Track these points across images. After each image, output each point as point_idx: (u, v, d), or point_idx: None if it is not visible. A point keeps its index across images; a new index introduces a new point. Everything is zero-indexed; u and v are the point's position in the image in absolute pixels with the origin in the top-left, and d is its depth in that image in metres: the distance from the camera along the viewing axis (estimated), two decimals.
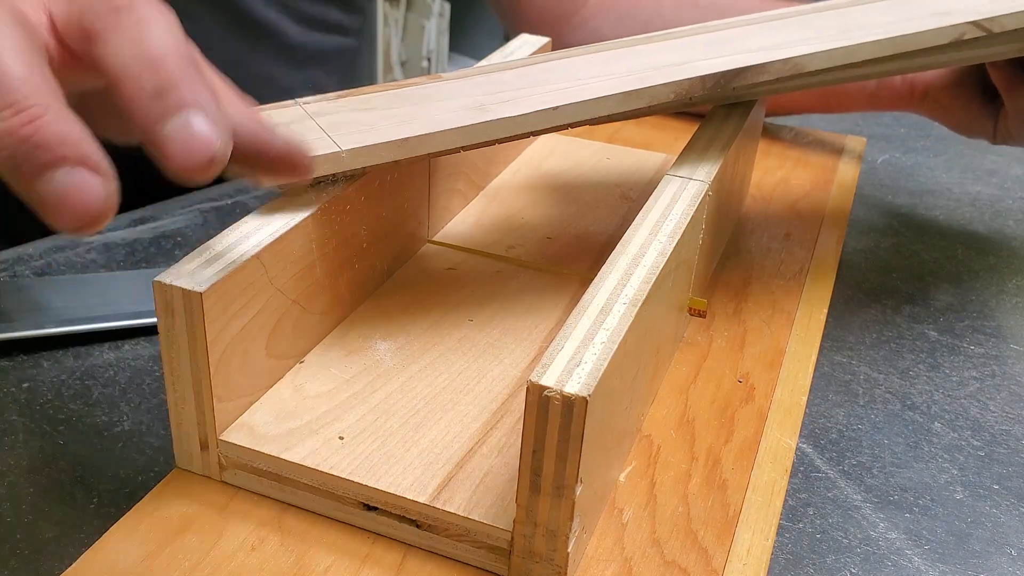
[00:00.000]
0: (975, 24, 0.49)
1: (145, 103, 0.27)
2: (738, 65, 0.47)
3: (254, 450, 0.38)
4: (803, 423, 0.46)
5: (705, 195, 0.44)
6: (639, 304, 0.35)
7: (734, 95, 0.50)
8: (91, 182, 0.26)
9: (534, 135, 0.45)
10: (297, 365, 0.43)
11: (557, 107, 0.44)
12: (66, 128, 0.26)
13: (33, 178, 0.25)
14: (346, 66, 0.83)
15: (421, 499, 0.36)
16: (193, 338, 0.36)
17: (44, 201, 0.25)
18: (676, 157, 0.48)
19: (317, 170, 0.41)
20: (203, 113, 0.27)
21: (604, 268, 0.38)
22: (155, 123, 0.27)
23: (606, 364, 0.32)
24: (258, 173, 0.33)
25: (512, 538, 0.35)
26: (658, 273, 0.38)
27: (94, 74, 0.29)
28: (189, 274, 0.35)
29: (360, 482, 0.37)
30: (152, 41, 0.28)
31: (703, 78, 0.47)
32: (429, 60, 2.27)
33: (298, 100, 0.46)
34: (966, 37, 0.49)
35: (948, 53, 0.50)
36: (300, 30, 0.75)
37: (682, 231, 0.41)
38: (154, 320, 0.48)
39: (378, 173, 0.45)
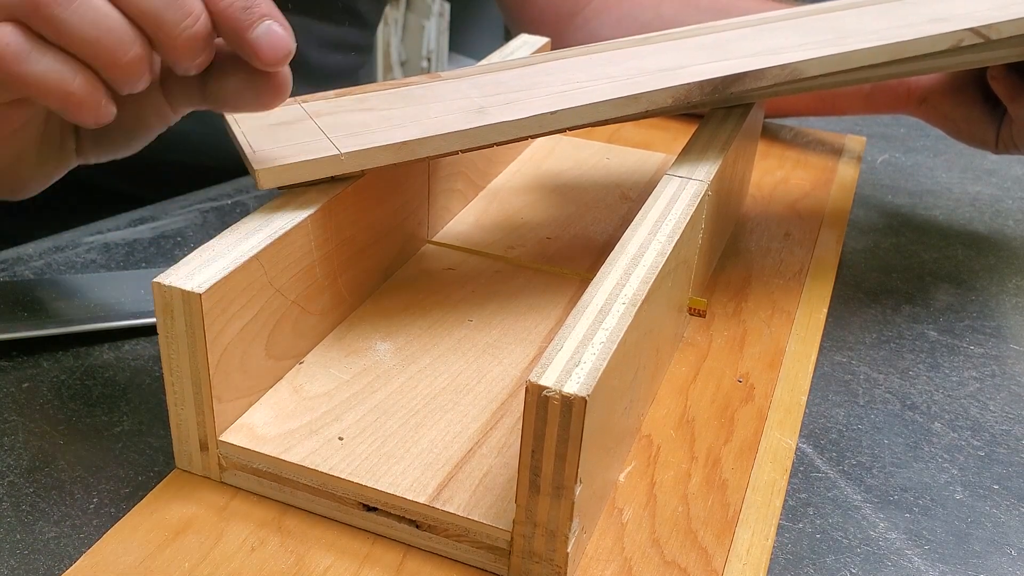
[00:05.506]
0: (973, 31, 0.49)
1: (237, 15, 0.36)
2: (736, 71, 0.47)
3: (254, 451, 0.38)
4: (803, 423, 0.46)
5: (704, 195, 0.44)
6: (638, 304, 0.35)
7: (732, 99, 0.50)
8: (281, 29, 0.37)
9: (532, 138, 0.45)
10: (297, 365, 0.43)
11: (555, 111, 0.44)
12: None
13: (247, 30, 0.36)
14: (355, 78, 0.84)
15: (421, 499, 0.36)
16: (193, 339, 0.36)
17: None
18: (676, 157, 0.48)
19: (317, 172, 0.41)
20: (277, 20, 0.37)
21: (603, 268, 0.38)
22: (246, 30, 0.37)
23: (605, 364, 0.32)
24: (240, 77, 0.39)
25: (511, 538, 0.35)
26: (657, 273, 0.38)
27: None
28: (189, 275, 0.35)
29: (360, 482, 0.37)
30: None
31: (701, 83, 0.47)
32: (429, 60, 2.27)
33: (297, 98, 0.46)
34: (964, 44, 0.49)
35: (946, 58, 0.50)
36: (321, 53, 0.76)
37: (681, 231, 0.41)
38: (154, 320, 0.48)
39: (377, 174, 0.45)
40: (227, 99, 0.39)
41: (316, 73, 0.76)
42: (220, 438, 0.38)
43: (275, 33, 0.37)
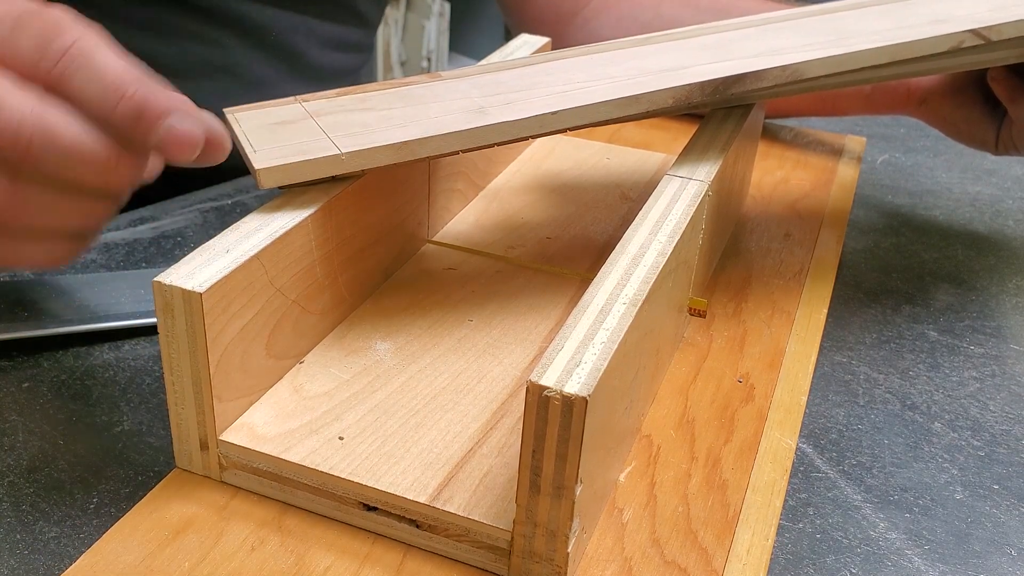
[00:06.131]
0: (974, 32, 0.49)
1: (130, 127, 0.34)
2: (736, 71, 0.47)
3: (254, 450, 0.38)
4: (803, 423, 0.46)
5: (705, 195, 0.44)
6: (639, 304, 0.35)
7: (732, 100, 0.50)
8: (184, 123, 0.34)
9: (532, 138, 0.45)
10: (297, 365, 0.43)
11: (556, 112, 0.44)
12: (163, 94, 0.35)
13: (147, 138, 0.34)
14: (356, 78, 0.84)
15: (421, 499, 0.36)
16: (193, 338, 0.36)
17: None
18: (676, 157, 0.48)
19: (318, 172, 0.41)
20: (177, 115, 0.35)
21: (604, 268, 0.38)
22: (145, 138, 0.34)
23: (606, 364, 0.32)
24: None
25: (512, 538, 0.35)
26: (658, 273, 0.38)
27: None
28: (189, 274, 0.35)
29: (360, 482, 0.37)
30: (107, 71, 0.34)
31: (702, 84, 0.47)
32: (429, 60, 2.27)
33: (297, 97, 0.46)
34: (964, 45, 0.49)
35: (947, 59, 0.50)
36: (322, 52, 0.76)
37: (682, 231, 0.41)
38: (154, 320, 0.48)
39: (378, 173, 0.45)
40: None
41: (317, 72, 0.76)
42: (220, 438, 0.38)
43: (176, 132, 0.34)
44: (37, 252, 0.38)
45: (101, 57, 0.34)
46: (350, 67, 0.81)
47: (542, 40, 0.65)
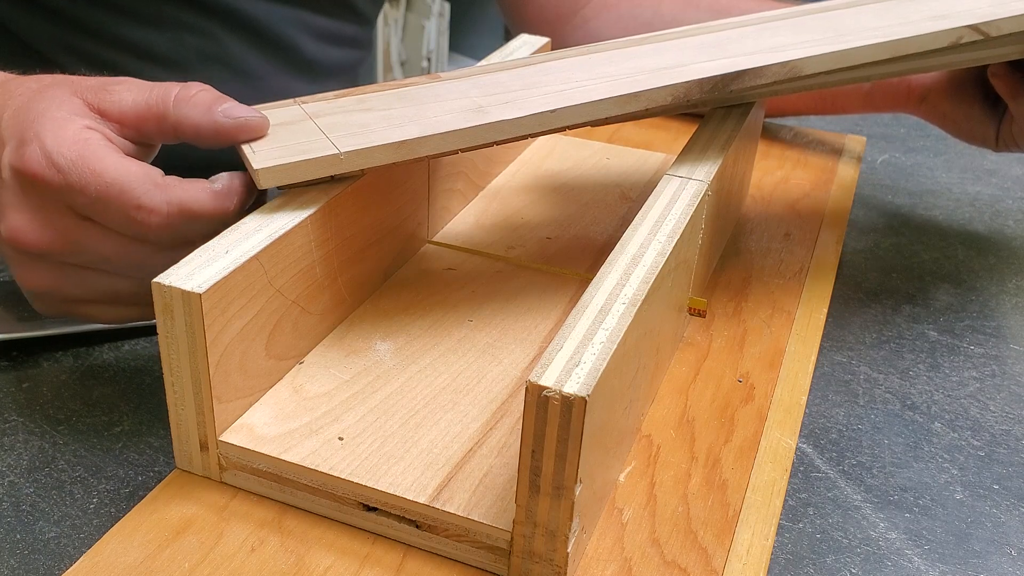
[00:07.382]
0: (973, 28, 0.49)
1: (211, 130, 0.42)
2: (735, 68, 0.47)
3: (254, 451, 0.38)
4: (803, 423, 0.46)
5: (704, 195, 0.44)
6: (638, 304, 0.35)
7: (731, 98, 0.50)
8: (239, 111, 0.42)
9: (531, 137, 0.45)
10: (297, 366, 0.43)
11: (554, 110, 0.44)
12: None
13: (230, 137, 0.42)
14: (354, 76, 0.83)
15: (421, 499, 0.36)
16: (192, 339, 0.36)
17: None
18: (676, 157, 0.48)
19: (317, 171, 0.41)
20: (230, 104, 0.42)
21: (603, 268, 0.38)
22: (230, 137, 0.42)
23: (605, 364, 0.32)
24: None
25: (512, 538, 0.35)
26: (657, 273, 0.38)
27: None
28: (189, 275, 0.35)
29: (360, 483, 0.37)
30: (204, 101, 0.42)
31: (700, 81, 0.47)
32: (429, 60, 2.27)
33: (297, 99, 0.46)
34: (963, 41, 0.49)
35: (946, 56, 0.50)
36: (317, 46, 0.76)
37: (681, 231, 0.41)
38: (154, 320, 0.48)
39: (377, 174, 0.45)
40: None
41: (312, 66, 0.76)
42: (220, 438, 0.38)
43: (239, 113, 0.41)
44: (100, 312, 0.43)
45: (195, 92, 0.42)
46: (347, 63, 0.81)
47: (542, 40, 0.65)
